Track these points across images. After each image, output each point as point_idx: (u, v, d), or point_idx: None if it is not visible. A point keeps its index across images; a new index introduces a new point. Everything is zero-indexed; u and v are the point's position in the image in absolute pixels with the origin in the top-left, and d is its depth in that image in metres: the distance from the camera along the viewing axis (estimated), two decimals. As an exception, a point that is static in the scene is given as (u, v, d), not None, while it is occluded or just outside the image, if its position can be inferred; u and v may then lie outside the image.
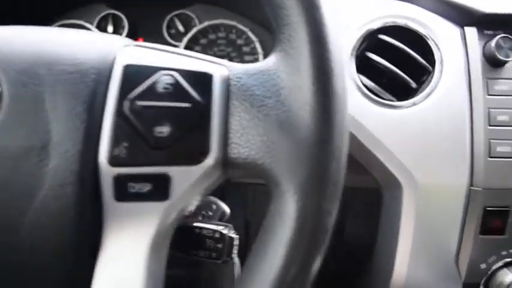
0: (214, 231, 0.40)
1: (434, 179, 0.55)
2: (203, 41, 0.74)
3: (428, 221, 0.56)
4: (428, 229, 0.57)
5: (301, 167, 0.30)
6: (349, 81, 0.57)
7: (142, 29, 0.75)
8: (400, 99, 0.57)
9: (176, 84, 0.32)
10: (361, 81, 0.57)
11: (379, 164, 0.56)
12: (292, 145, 0.31)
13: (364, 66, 0.58)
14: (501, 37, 0.55)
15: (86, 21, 0.74)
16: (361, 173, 0.60)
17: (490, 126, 0.55)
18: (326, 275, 0.72)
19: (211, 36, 0.74)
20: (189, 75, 0.32)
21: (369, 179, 0.60)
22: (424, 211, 0.56)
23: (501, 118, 0.55)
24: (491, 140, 0.55)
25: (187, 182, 0.32)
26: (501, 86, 0.56)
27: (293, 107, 0.31)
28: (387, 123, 0.56)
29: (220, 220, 0.55)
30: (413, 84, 0.57)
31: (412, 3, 0.60)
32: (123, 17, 0.74)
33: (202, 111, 0.32)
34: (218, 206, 0.54)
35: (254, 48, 0.73)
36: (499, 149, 0.55)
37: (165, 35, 0.75)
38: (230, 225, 0.41)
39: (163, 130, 0.31)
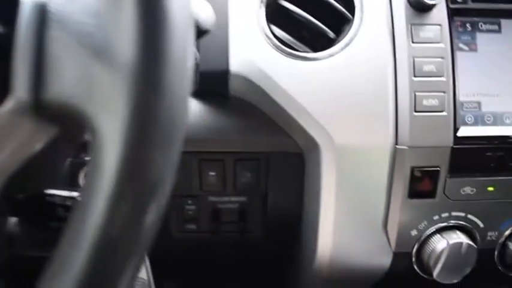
0: (67, 198, 0.33)
1: (354, 138, 0.50)
2: None
3: (351, 186, 0.51)
4: (351, 195, 0.51)
5: (121, 106, 0.24)
6: (258, 32, 0.51)
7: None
8: (317, 51, 0.51)
9: (-30, 11, 0.25)
10: (272, 32, 0.51)
11: (296, 125, 0.50)
12: (110, 79, 0.24)
13: (277, 15, 0.52)
14: (426, -23, 0.49)
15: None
16: (281, 135, 0.54)
17: (415, 77, 0.49)
18: (255, 248, 0.66)
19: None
20: (-12, 0, 0.26)
21: (291, 142, 0.54)
22: (346, 174, 0.50)
23: (427, 68, 0.49)
24: (417, 93, 0.49)
25: (-11, 132, 0.25)
26: (427, 32, 0.50)
27: (113, 32, 0.25)
28: (302, 78, 0.50)
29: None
30: (331, 34, 0.51)
31: None
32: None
33: (2, 42, 0.25)
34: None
35: None
36: (426, 102, 0.49)
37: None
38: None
39: (-48, 66, 0.25)
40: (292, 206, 0.58)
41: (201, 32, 0.39)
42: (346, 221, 0.52)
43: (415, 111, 0.49)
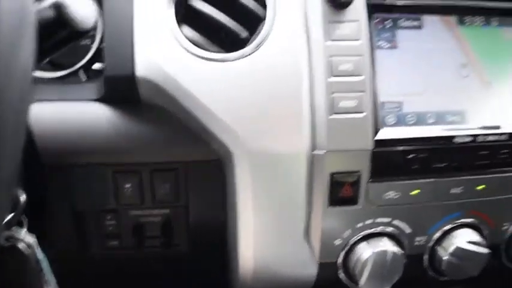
0: None
1: (269, 144, 0.46)
2: None
3: (268, 195, 0.48)
4: (269, 204, 0.48)
5: None
6: (167, 34, 0.47)
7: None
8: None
9: None
10: (182, 33, 0.48)
11: (209, 131, 0.47)
12: None
13: (189, 15, 0.49)
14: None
15: None
16: (198, 143, 0.50)
17: (331, 77, 0.47)
18: (183, 262, 0.63)
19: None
20: None
21: (209, 149, 0.51)
22: (262, 183, 0.47)
23: (344, 67, 0.47)
24: (334, 94, 0.47)
25: None
26: (344, 29, 0.47)
27: None
28: (212, 81, 0.46)
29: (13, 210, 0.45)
30: (244, 34, 0.48)
31: None
32: None
33: None
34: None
35: None
36: (343, 103, 0.47)
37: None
38: None
39: None
40: (216, 217, 0.55)
41: (77, 33, 0.36)
42: (266, 232, 0.49)
43: (332, 114, 0.46)
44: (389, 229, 0.50)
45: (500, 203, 0.53)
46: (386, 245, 0.49)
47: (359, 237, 0.50)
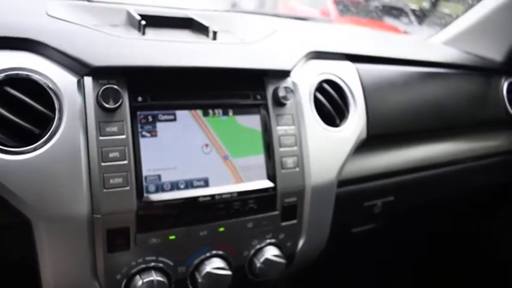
0: None
1: (58, 212, 0.64)
2: None
3: (60, 247, 0.65)
4: (60, 255, 0.66)
5: None
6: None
7: None
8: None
9: None
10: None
11: (11, 205, 0.63)
12: None
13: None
14: (107, 87, 0.65)
15: None
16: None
17: (103, 162, 0.66)
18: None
19: None
20: None
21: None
22: (54, 238, 0.64)
23: (112, 155, 0.66)
24: (105, 175, 0.65)
25: None
26: (112, 128, 0.67)
27: None
28: (11, 169, 0.62)
29: None
30: (36, 131, 0.65)
31: (35, 53, 0.67)
32: None
33: None
34: None
35: None
36: (112, 181, 0.66)
37: None
38: None
39: None
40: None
41: None
42: (62, 276, 0.66)
43: (105, 188, 0.65)
44: (157, 264, 0.71)
45: (238, 238, 0.76)
46: (154, 276, 0.70)
47: (134, 271, 0.70)
